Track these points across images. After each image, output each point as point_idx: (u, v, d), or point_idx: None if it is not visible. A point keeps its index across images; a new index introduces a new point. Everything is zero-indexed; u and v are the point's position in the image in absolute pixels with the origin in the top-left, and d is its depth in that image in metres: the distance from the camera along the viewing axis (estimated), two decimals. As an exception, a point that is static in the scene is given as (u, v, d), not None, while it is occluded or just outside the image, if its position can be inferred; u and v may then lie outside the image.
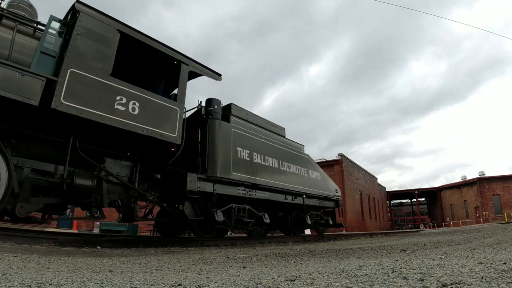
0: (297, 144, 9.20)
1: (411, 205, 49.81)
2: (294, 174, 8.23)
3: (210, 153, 5.86)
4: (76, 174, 4.26)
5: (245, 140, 6.72)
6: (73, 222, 17.29)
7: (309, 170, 8.95)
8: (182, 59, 5.50)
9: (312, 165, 9.26)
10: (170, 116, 5.03)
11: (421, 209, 48.53)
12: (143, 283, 1.55)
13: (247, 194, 6.55)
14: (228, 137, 6.24)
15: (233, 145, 6.27)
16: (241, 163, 6.41)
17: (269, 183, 7.17)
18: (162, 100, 5.01)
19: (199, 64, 5.86)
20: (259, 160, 7.02)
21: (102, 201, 4.56)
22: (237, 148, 6.39)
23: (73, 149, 4.24)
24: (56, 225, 17.60)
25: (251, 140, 6.90)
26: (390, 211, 47.04)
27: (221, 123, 6.22)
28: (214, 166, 5.81)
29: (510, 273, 1.43)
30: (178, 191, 5.33)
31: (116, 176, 4.80)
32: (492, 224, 16.47)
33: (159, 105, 4.91)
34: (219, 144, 5.97)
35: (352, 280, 1.46)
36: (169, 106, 5.06)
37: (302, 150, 9.24)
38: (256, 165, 6.86)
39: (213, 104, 6.40)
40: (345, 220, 23.40)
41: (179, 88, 5.38)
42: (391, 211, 49.26)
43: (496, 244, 3.61)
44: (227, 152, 6.11)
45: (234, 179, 6.12)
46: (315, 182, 9.09)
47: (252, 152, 6.82)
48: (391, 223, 44.92)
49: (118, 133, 4.41)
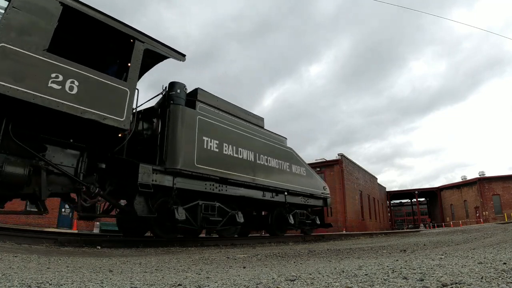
0: (278, 136, 8.47)
1: (411, 205, 49.79)
2: (274, 169, 7.52)
3: (170, 143, 5.24)
4: (7, 161, 3.85)
5: (214, 129, 6.02)
6: (73, 222, 17.30)
7: (292, 165, 8.22)
8: (136, 36, 4.95)
9: (296, 160, 8.53)
10: (117, 98, 4.46)
11: (421, 209, 48.54)
12: (143, 283, 1.54)
13: (216, 190, 5.87)
14: (192, 125, 5.56)
15: (198, 134, 5.59)
16: (208, 155, 5.73)
17: (244, 178, 6.46)
18: (108, 79, 4.46)
19: (158, 42, 5.26)
20: (231, 152, 6.32)
21: (41, 193, 4.13)
22: (204, 137, 5.70)
23: (5, 134, 3.83)
24: (56, 225, 17.62)
25: (221, 130, 6.20)
26: (390, 211, 47.04)
27: (184, 109, 5.56)
28: (174, 157, 5.18)
29: (510, 273, 1.43)
30: (130, 184, 4.78)
31: (55, 165, 4.30)
32: (492, 224, 16.47)
33: (104, 85, 4.35)
34: (180, 133, 5.34)
35: (352, 280, 1.46)
36: (116, 87, 4.48)
37: (284, 143, 8.52)
38: (227, 158, 6.17)
39: (175, 88, 5.74)
40: (345, 220, 23.42)
41: (130, 67, 4.80)
42: (391, 211, 49.26)
43: (496, 244, 3.61)
44: (190, 142, 5.45)
45: (198, 172, 5.46)
46: (299, 178, 8.39)
47: (222, 143, 6.11)
48: (391, 223, 44.91)
49: (54, 115, 3.96)
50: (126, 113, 4.52)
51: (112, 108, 4.38)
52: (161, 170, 5.02)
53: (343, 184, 24.32)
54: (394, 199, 50.44)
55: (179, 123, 5.39)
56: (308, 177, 8.85)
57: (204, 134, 5.73)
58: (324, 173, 25.76)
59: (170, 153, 5.19)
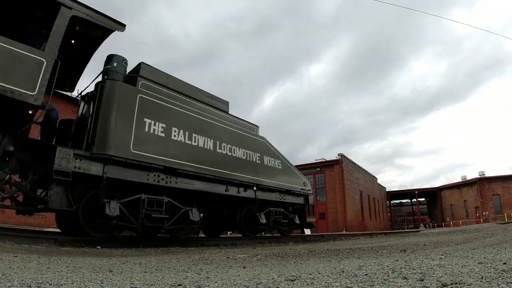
0: (247, 123, 7.50)
1: (411, 205, 49.83)
2: (240, 160, 6.61)
3: (100, 124, 4.52)
4: None
5: (160, 110, 5.28)
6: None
7: (263, 156, 7.33)
8: (62, 0, 4.34)
9: (269, 151, 7.62)
10: (28, 69, 3.90)
11: (421, 209, 48.58)
12: (143, 283, 1.55)
13: (162, 182, 5.11)
14: (130, 104, 4.85)
15: (137, 115, 4.89)
16: (150, 140, 4.99)
17: (200, 169, 5.62)
18: (18, 47, 3.87)
19: (90, 9, 4.63)
20: (182, 138, 5.49)
21: None
22: (145, 119, 4.98)
23: None
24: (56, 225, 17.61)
25: (170, 112, 5.44)
26: (390, 211, 47.08)
27: (120, 85, 4.86)
28: (103, 140, 4.46)
29: (510, 273, 1.43)
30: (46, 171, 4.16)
31: None
32: (492, 224, 16.47)
33: (12, 53, 3.77)
34: (113, 112, 4.63)
35: (352, 280, 1.46)
36: (28, 56, 3.90)
37: (255, 131, 7.59)
38: (176, 144, 5.36)
39: (112, 61, 5.05)
40: (345, 220, 23.43)
41: (50, 35, 4.19)
42: (391, 211, 49.30)
43: (496, 244, 3.61)
44: (126, 124, 4.73)
45: (135, 159, 4.69)
46: (273, 172, 7.51)
47: (170, 126, 5.34)
48: (391, 223, 44.96)
49: None
50: (39, 86, 3.92)
51: (22, 80, 3.81)
52: (86, 156, 4.33)
53: (343, 184, 24.34)
54: (394, 199, 50.51)
55: (112, 102, 4.68)
56: (285, 171, 7.93)
57: (146, 116, 5.01)
58: (324, 173, 25.76)
59: (99, 136, 4.47)
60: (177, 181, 5.32)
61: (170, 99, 5.54)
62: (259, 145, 7.38)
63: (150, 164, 4.91)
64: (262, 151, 7.36)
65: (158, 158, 5.01)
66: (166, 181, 5.17)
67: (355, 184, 27.79)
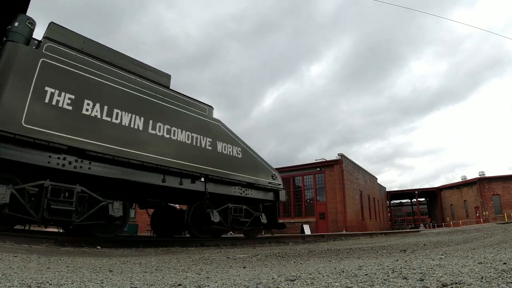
0: (196, 102, 6.31)
1: (411, 205, 49.80)
2: (182, 144, 5.59)
3: None
4: None
5: (70, 79, 4.48)
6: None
7: (216, 142, 6.25)
8: None
9: (225, 136, 6.51)
10: None
11: (421, 209, 48.55)
12: (143, 283, 1.54)
13: (70, 167, 4.24)
14: (27, 69, 4.10)
15: (36, 83, 4.12)
16: (51, 114, 4.18)
17: (121, 152, 4.70)
18: None
19: None
20: (98, 113, 4.61)
21: None
22: (47, 88, 4.20)
23: None
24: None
25: (83, 81, 4.61)
26: (390, 211, 47.07)
27: (16, 47, 4.13)
28: None
29: (510, 273, 1.43)
30: None
31: None
32: (492, 224, 16.46)
33: None
34: (5, 78, 3.93)
35: (352, 280, 1.46)
36: None
37: (206, 112, 6.41)
38: (88, 120, 4.50)
39: (15, 22, 4.34)
40: (345, 220, 23.42)
41: None
42: (391, 211, 49.28)
43: (496, 244, 3.61)
44: (19, 93, 3.97)
45: (27, 135, 3.88)
46: (231, 161, 6.40)
47: (82, 98, 4.49)
48: (391, 223, 44.93)
49: None
50: None
51: None
52: None
53: (343, 184, 24.33)
54: (394, 199, 50.47)
55: (4, 65, 4.02)
56: (247, 160, 6.78)
57: (49, 84, 4.24)
58: (324, 173, 25.76)
59: None
60: (90, 167, 4.45)
61: (84, 66, 4.71)
62: (211, 128, 6.31)
63: (48, 143, 4.04)
64: (215, 137, 6.32)
65: (61, 135, 4.18)
66: (75, 166, 4.31)
67: (355, 184, 27.78)
